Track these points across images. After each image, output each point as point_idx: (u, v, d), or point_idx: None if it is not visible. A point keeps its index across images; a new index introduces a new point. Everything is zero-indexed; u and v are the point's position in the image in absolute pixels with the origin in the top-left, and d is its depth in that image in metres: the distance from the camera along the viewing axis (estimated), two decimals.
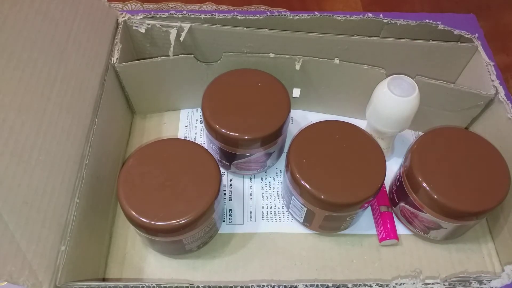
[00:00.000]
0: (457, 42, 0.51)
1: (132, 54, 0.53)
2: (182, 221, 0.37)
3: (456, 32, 0.50)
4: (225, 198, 0.49)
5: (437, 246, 0.46)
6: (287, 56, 0.48)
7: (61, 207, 0.36)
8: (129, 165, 0.40)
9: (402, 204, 0.44)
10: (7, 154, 0.32)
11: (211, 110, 0.44)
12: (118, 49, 0.48)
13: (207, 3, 0.89)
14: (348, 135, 0.42)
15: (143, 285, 0.35)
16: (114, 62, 0.47)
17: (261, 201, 0.48)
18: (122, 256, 0.44)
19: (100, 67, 0.45)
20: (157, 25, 0.50)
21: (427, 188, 0.40)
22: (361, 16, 0.50)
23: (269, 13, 0.50)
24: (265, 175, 0.50)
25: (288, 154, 0.42)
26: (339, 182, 0.39)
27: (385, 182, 0.43)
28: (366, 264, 0.44)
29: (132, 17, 0.50)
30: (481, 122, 0.49)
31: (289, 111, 0.45)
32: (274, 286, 0.35)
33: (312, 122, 0.44)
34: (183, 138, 0.53)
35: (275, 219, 0.47)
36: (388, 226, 0.45)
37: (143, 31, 0.50)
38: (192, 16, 0.50)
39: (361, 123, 0.46)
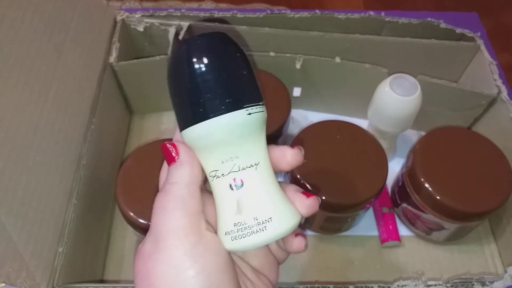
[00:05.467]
0: (459, 40, 0.50)
1: (130, 53, 0.52)
2: None
3: (458, 30, 0.50)
4: None
5: (439, 247, 0.45)
6: (287, 54, 0.48)
7: (58, 208, 0.36)
8: (128, 166, 0.40)
9: (404, 205, 0.44)
10: (4, 155, 0.32)
11: None
12: (116, 48, 0.47)
13: (206, 1, 0.89)
14: (349, 135, 0.42)
15: None
16: (112, 61, 0.47)
17: None
18: (120, 257, 0.44)
19: (98, 66, 0.45)
20: (155, 23, 0.49)
21: (430, 188, 0.39)
22: (362, 14, 0.50)
23: (269, 11, 0.49)
24: None
25: None
26: (340, 182, 0.39)
27: (387, 182, 0.43)
28: (367, 265, 0.44)
29: (130, 15, 0.50)
30: (484, 121, 0.49)
31: (289, 111, 0.45)
32: None
33: (313, 122, 0.43)
34: None
35: None
36: (390, 227, 0.45)
37: (142, 29, 0.50)
38: (191, 14, 0.49)
39: (362, 123, 0.45)
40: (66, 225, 0.36)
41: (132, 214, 0.37)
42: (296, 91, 0.52)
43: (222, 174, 0.22)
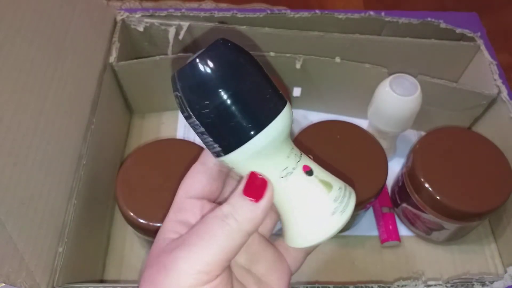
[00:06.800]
0: (459, 40, 0.50)
1: (130, 53, 0.52)
2: None
3: (458, 30, 0.50)
4: None
5: (439, 247, 0.45)
6: (287, 54, 0.47)
7: (58, 208, 0.36)
8: (127, 166, 0.40)
9: (404, 205, 0.44)
10: (4, 154, 0.32)
11: None
12: (116, 48, 0.47)
13: (206, 1, 0.88)
14: (349, 135, 0.42)
15: None
16: (112, 61, 0.47)
17: None
18: (120, 257, 0.44)
19: (98, 66, 0.45)
20: (155, 23, 0.49)
21: (430, 188, 0.39)
22: (362, 14, 0.50)
23: (269, 11, 0.49)
24: None
25: None
26: None
27: (387, 182, 0.43)
28: (367, 265, 0.44)
29: (130, 15, 0.50)
30: (484, 121, 0.49)
31: None
32: None
33: (313, 122, 0.43)
34: (182, 138, 0.52)
35: None
36: (390, 227, 0.45)
37: (142, 29, 0.50)
38: (191, 14, 0.49)
39: (362, 123, 0.45)
40: (66, 225, 0.36)
41: (132, 214, 0.37)
42: (296, 91, 0.52)
43: (293, 168, 0.22)
